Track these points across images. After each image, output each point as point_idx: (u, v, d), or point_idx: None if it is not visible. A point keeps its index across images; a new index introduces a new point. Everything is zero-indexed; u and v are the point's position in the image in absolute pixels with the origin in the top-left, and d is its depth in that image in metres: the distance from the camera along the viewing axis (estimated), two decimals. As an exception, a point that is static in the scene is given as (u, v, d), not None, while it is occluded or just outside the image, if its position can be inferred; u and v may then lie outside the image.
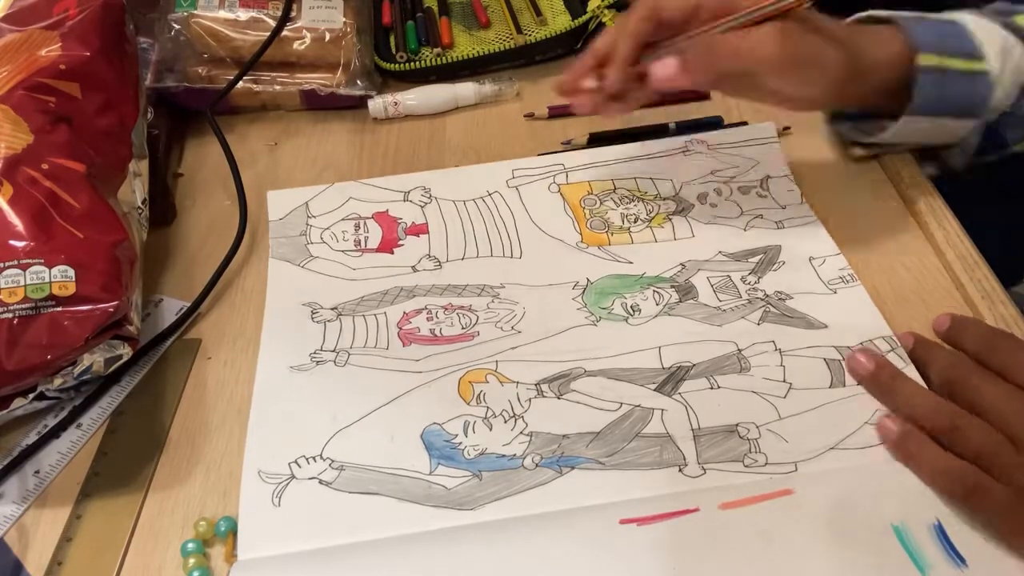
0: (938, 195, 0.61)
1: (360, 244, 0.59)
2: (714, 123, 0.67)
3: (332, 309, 0.54)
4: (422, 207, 0.61)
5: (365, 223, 0.60)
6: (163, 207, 0.60)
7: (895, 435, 0.45)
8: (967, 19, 0.57)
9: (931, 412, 0.45)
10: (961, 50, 0.55)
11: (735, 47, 0.50)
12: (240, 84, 0.66)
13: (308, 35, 0.66)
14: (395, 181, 0.63)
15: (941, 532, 0.42)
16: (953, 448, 0.43)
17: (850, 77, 0.53)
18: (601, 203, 0.61)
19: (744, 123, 0.66)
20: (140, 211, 0.54)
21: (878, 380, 0.48)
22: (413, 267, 0.57)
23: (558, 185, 0.62)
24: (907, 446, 0.45)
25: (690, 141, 0.64)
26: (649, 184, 0.62)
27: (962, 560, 0.40)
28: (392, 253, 0.58)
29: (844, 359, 0.50)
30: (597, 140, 0.66)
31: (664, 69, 0.51)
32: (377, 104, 0.68)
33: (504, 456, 0.46)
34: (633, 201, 0.61)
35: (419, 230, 0.60)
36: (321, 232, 0.60)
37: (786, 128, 0.65)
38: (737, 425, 0.47)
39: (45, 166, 0.48)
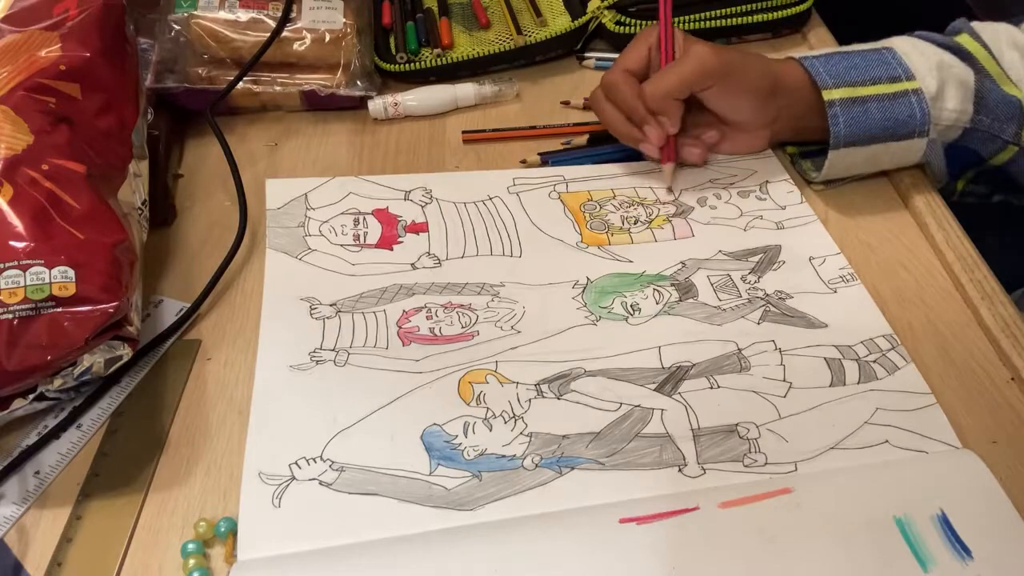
0: (938, 196, 0.61)
1: (359, 239, 0.59)
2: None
3: (331, 305, 0.54)
4: (422, 207, 0.61)
5: (364, 218, 0.60)
6: (163, 208, 0.60)
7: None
8: (899, 43, 0.59)
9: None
10: (883, 75, 0.57)
11: (672, 74, 0.58)
12: (240, 85, 0.66)
13: (308, 36, 0.66)
14: (396, 180, 0.63)
15: (945, 523, 0.41)
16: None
17: (773, 89, 0.58)
18: (601, 207, 0.61)
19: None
20: (140, 212, 0.54)
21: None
22: (413, 264, 0.57)
23: (558, 193, 0.62)
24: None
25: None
26: (648, 192, 0.62)
27: (967, 551, 0.40)
28: (391, 250, 0.58)
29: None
30: (597, 140, 0.66)
31: (650, 135, 0.60)
32: (377, 105, 0.68)
33: (504, 456, 0.46)
34: (633, 205, 0.61)
35: (419, 228, 0.60)
36: (320, 225, 0.59)
37: None
38: (737, 425, 0.47)
39: (45, 167, 0.48)
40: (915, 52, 0.58)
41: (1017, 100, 0.58)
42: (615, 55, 0.73)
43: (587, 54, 0.74)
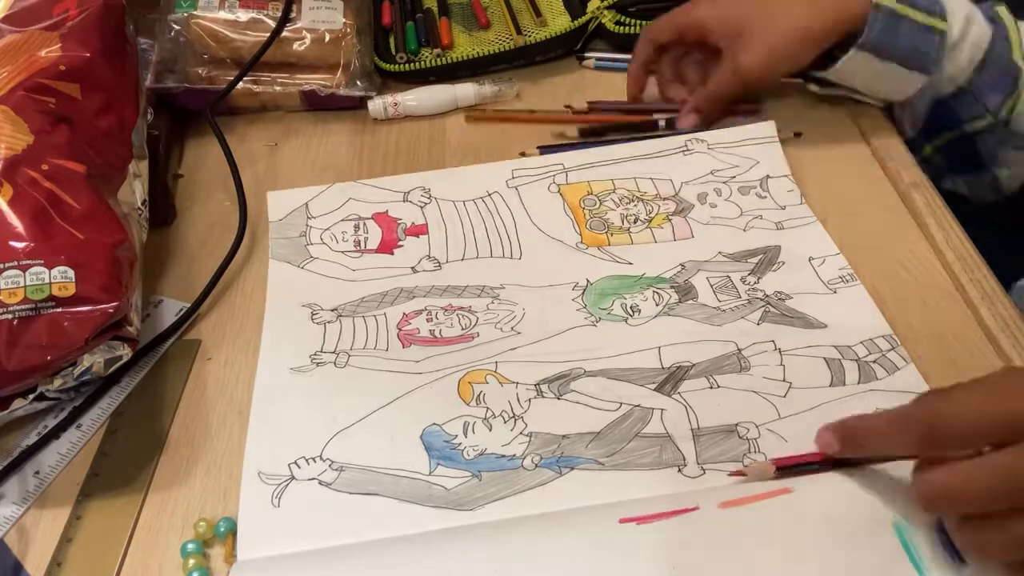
0: (938, 196, 0.61)
1: (360, 245, 0.59)
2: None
3: (332, 310, 0.54)
4: (422, 207, 0.61)
5: (365, 224, 0.60)
6: (163, 208, 0.60)
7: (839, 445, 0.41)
8: None
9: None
10: (924, 5, 0.58)
11: (726, 87, 0.62)
12: (240, 85, 0.66)
13: (308, 36, 0.66)
14: (394, 181, 0.63)
15: (941, 530, 0.42)
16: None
17: (821, 43, 0.60)
18: (601, 203, 0.61)
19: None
20: (140, 212, 0.54)
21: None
22: (413, 268, 0.57)
23: (558, 185, 0.62)
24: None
25: (690, 140, 0.64)
26: (649, 184, 0.62)
27: (961, 559, 0.40)
28: (392, 254, 0.58)
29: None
30: (588, 133, 0.67)
31: (689, 122, 0.65)
32: (377, 105, 0.68)
33: (504, 456, 0.46)
34: (633, 201, 0.61)
35: (419, 231, 0.60)
36: (321, 233, 0.60)
37: (797, 134, 0.65)
38: (737, 425, 0.47)
39: (45, 167, 0.48)
40: None
41: (1018, 71, 0.59)
42: (615, 55, 0.73)
43: (587, 54, 0.74)
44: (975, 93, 0.60)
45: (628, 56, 0.69)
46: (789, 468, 0.43)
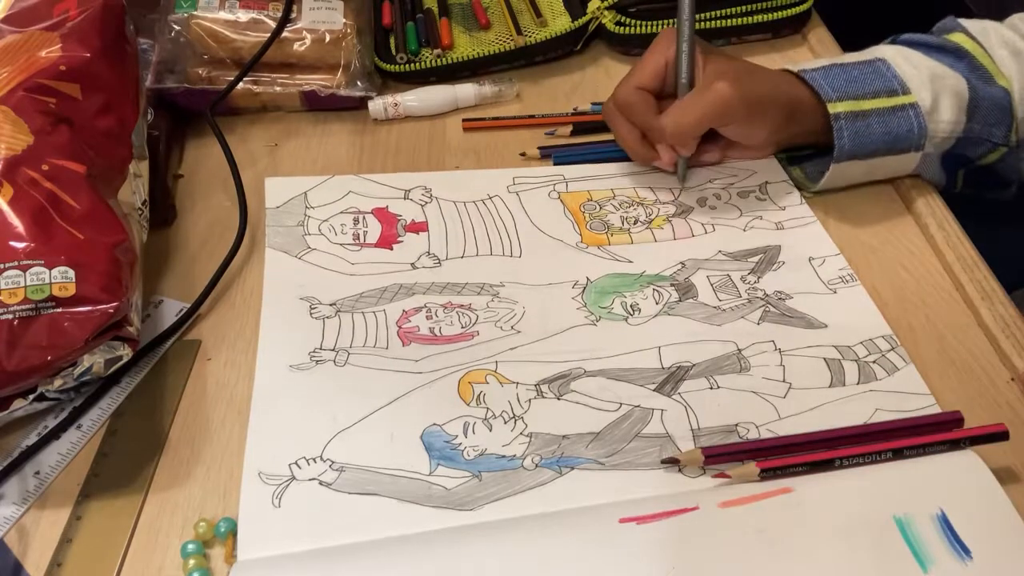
0: (938, 196, 0.61)
1: (359, 238, 0.59)
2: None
3: (331, 305, 0.54)
4: (422, 206, 0.61)
5: (364, 218, 0.60)
6: (163, 208, 0.60)
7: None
8: (889, 53, 0.59)
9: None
10: (882, 88, 0.57)
11: (692, 113, 0.57)
12: (240, 85, 0.66)
13: (308, 36, 0.66)
14: (396, 179, 0.63)
15: (945, 523, 0.42)
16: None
17: (791, 114, 0.58)
18: (601, 208, 0.61)
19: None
20: (140, 212, 0.54)
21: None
22: (412, 264, 0.57)
23: (558, 192, 0.62)
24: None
25: None
26: (648, 192, 0.62)
27: (967, 552, 0.40)
28: (391, 249, 0.58)
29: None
30: (580, 131, 0.67)
31: (664, 157, 0.61)
32: (377, 105, 0.68)
33: (504, 457, 0.46)
34: (632, 205, 0.61)
35: (419, 227, 0.60)
36: (319, 224, 0.59)
37: None
38: (737, 425, 0.47)
39: (45, 167, 0.48)
40: (906, 64, 0.58)
41: (1007, 96, 0.58)
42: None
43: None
44: (977, 137, 0.58)
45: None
46: (772, 470, 0.44)
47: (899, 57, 0.59)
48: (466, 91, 0.70)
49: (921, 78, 0.57)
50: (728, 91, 0.56)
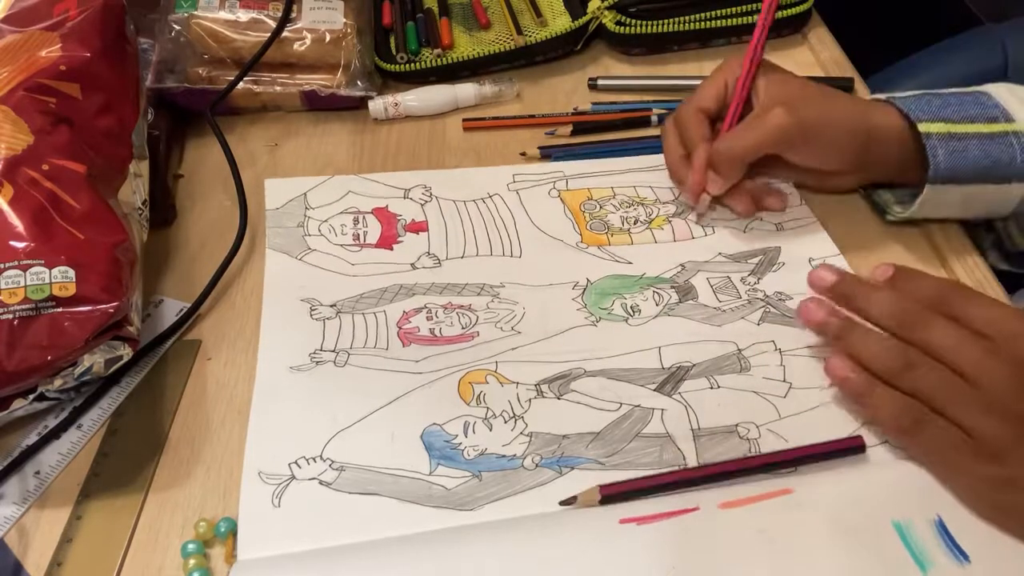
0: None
1: (359, 239, 0.59)
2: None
3: (331, 306, 0.54)
4: (422, 205, 0.61)
5: (364, 218, 0.60)
6: (163, 208, 0.60)
7: (842, 372, 0.45)
8: (992, 88, 0.56)
9: (884, 351, 0.44)
10: (980, 115, 0.54)
11: (746, 139, 0.55)
12: (240, 85, 0.66)
13: (308, 36, 0.66)
14: (396, 178, 0.63)
15: (943, 528, 0.42)
16: (903, 386, 0.44)
17: (867, 141, 0.55)
18: (601, 207, 0.61)
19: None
20: (140, 212, 0.54)
21: (830, 325, 0.47)
22: (412, 264, 0.57)
23: (558, 190, 0.62)
24: (856, 385, 0.45)
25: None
26: (648, 191, 0.62)
27: (965, 556, 0.41)
28: (391, 249, 0.58)
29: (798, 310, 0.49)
30: (581, 130, 0.67)
31: (713, 186, 0.58)
32: (377, 105, 0.68)
33: (504, 456, 0.46)
34: (633, 205, 0.61)
35: (418, 227, 0.60)
36: (319, 224, 0.59)
37: None
38: (737, 425, 0.47)
39: (45, 167, 0.48)
40: (1012, 97, 0.55)
41: None
42: (620, 80, 0.73)
43: (600, 80, 0.72)
44: None
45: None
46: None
47: (1003, 90, 0.56)
48: (466, 91, 0.70)
49: None
50: (784, 117, 0.54)
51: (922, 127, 0.53)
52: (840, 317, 0.47)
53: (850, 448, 0.45)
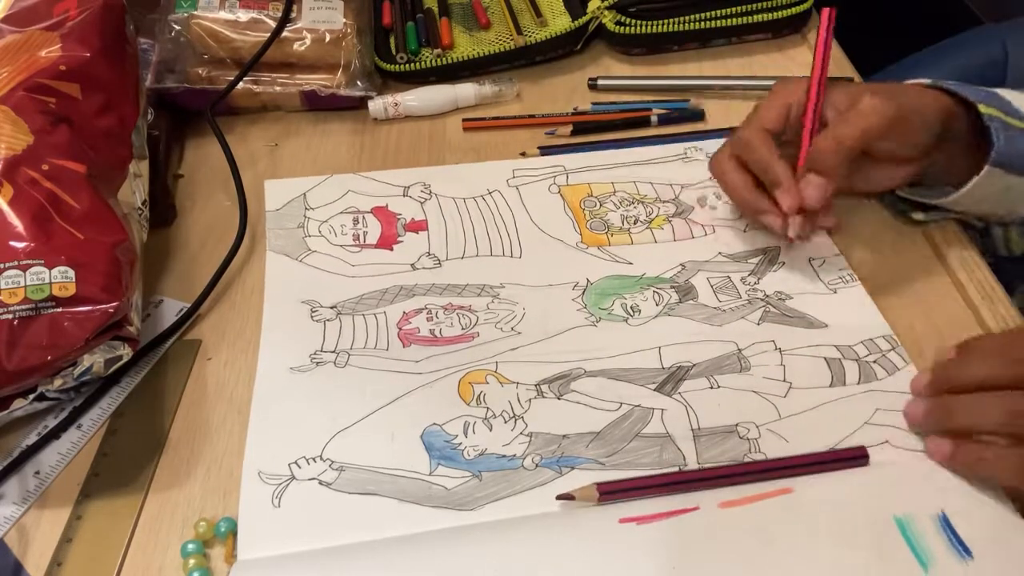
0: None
1: (359, 239, 0.59)
2: (696, 115, 0.69)
3: (331, 307, 0.54)
4: (422, 203, 0.61)
5: (364, 217, 0.60)
6: (163, 208, 0.60)
7: (949, 452, 0.44)
8: (1002, 91, 0.55)
9: (987, 410, 0.43)
10: (1011, 110, 0.53)
11: (853, 127, 0.52)
12: (240, 85, 0.66)
13: (308, 36, 0.66)
14: (395, 176, 0.63)
15: (946, 523, 0.42)
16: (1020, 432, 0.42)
17: (946, 123, 0.53)
18: (601, 205, 0.61)
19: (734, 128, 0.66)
20: (140, 212, 0.54)
21: (933, 412, 0.46)
22: (412, 265, 0.57)
23: (558, 186, 0.62)
24: (965, 456, 0.43)
25: (689, 148, 0.65)
26: (649, 188, 0.62)
27: (967, 551, 0.40)
28: (391, 249, 0.58)
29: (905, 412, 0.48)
30: (581, 130, 0.67)
31: (815, 193, 0.52)
32: (377, 105, 0.68)
33: (504, 456, 0.46)
34: (632, 203, 0.61)
35: (418, 226, 0.60)
36: (319, 225, 0.59)
37: None
38: (737, 425, 0.47)
39: (45, 167, 0.48)
40: (1020, 100, 0.54)
41: None
42: (620, 80, 0.73)
43: (600, 80, 0.72)
44: None
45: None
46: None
47: (1010, 95, 0.55)
48: (466, 91, 0.70)
49: None
50: (882, 103, 0.51)
51: (983, 109, 0.52)
52: (938, 402, 0.46)
53: (854, 458, 0.45)
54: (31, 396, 0.45)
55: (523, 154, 0.65)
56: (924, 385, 0.47)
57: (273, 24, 0.66)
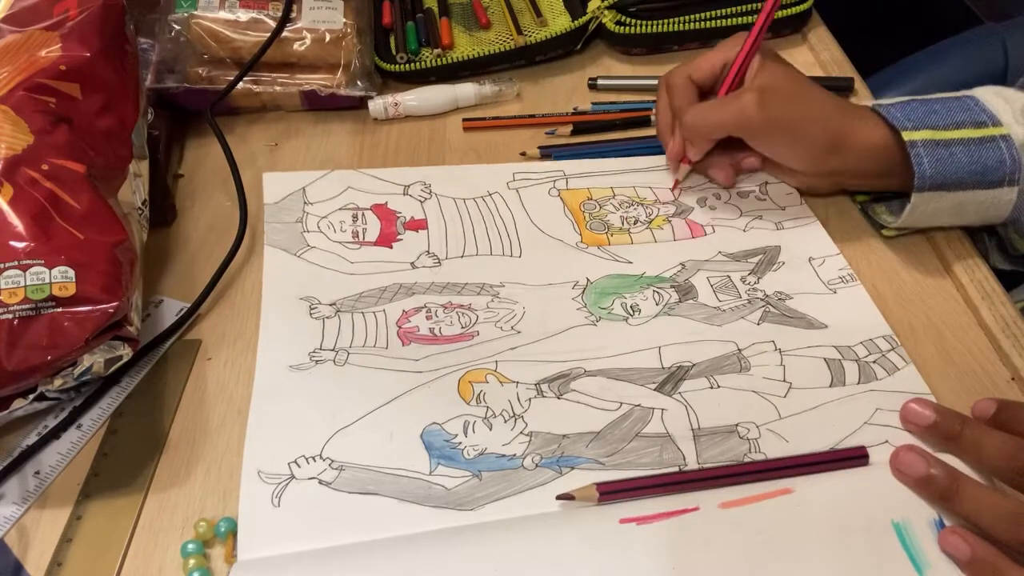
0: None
1: (358, 236, 0.59)
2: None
3: (331, 305, 0.54)
4: (421, 202, 0.61)
5: (363, 214, 0.60)
6: (163, 208, 0.60)
7: (969, 556, 0.40)
8: (980, 91, 0.56)
9: (1008, 519, 0.40)
10: (967, 120, 0.54)
11: (719, 115, 0.56)
12: (240, 85, 0.66)
13: (308, 36, 0.66)
14: (395, 174, 0.63)
15: (942, 528, 0.42)
16: None
17: (835, 145, 0.55)
18: (601, 207, 0.61)
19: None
20: (140, 212, 0.54)
21: (935, 483, 0.42)
22: (412, 263, 0.57)
23: (558, 190, 0.62)
24: (989, 566, 0.40)
25: None
26: (648, 192, 0.62)
27: None
28: (391, 247, 0.58)
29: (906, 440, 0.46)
30: (581, 130, 0.68)
31: (674, 147, 0.60)
32: (377, 105, 0.68)
33: (504, 456, 0.46)
34: (632, 205, 0.61)
35: (418, 225, 0.60)
36: (318, 221, 0.59)
37: None
38: (737, 425, 0.47)
39: (45, 167, 0.48)
40: (998, 99, 0.55)
41: None
42: (620, 80, 0.73)
43: (600, 80, 0.72)
44: None
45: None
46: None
47: (989, 94, 0.55)
48: (466, 91, 0.70)
49: (1013, 111, 0.54)
50: (751, 106, 0.54)
51: (906, 135, 0.53)
52: (945, 471, 0.42)
53: (853, 457, 0.45)
54: (31, 396, 0.45)
55: (523, 154, 0.65)
56: (927, 426, 0.45)
57: (273, 24, 0.66)
